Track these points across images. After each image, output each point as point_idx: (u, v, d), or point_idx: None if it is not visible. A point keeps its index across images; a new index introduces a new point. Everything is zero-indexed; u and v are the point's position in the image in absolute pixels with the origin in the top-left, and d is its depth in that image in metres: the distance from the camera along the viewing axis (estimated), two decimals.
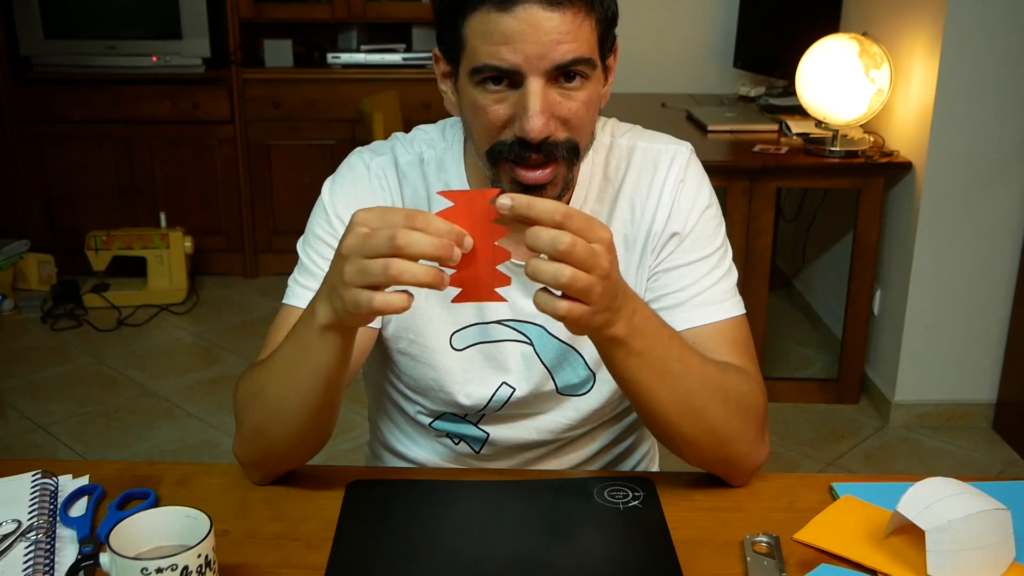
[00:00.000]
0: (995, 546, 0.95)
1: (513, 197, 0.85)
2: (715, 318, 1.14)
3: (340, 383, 1.02)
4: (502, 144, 1.03)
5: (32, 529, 1.01)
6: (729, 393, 1.06)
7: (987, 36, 2.70)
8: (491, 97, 1.01)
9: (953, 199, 2.83)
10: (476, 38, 0.99)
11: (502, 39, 0.97)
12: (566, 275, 0.85)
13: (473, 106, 1.03)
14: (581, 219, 0.86)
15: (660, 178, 1.17)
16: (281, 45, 4.07)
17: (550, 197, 1.03)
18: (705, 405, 1.04)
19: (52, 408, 3.14)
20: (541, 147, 1.01)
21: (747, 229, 2.99)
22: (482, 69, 1.00)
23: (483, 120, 1.03)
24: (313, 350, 0.97)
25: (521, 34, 0.97)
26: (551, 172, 1.04)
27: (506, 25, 0.97)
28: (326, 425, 1.08)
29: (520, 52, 0.97)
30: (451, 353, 1.19)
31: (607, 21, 1.04)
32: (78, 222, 4.10)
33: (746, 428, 1.08)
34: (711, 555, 1.00)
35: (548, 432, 1.24)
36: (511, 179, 1.05)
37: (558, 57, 0.98)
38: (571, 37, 0.98)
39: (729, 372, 1.09)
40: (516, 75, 0.99)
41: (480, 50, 0.99)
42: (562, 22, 0.97)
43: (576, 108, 1.02)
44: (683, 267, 1.15)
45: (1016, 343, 2.90)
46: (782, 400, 3.17)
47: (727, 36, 3.95)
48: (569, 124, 1.03)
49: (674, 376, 1.01)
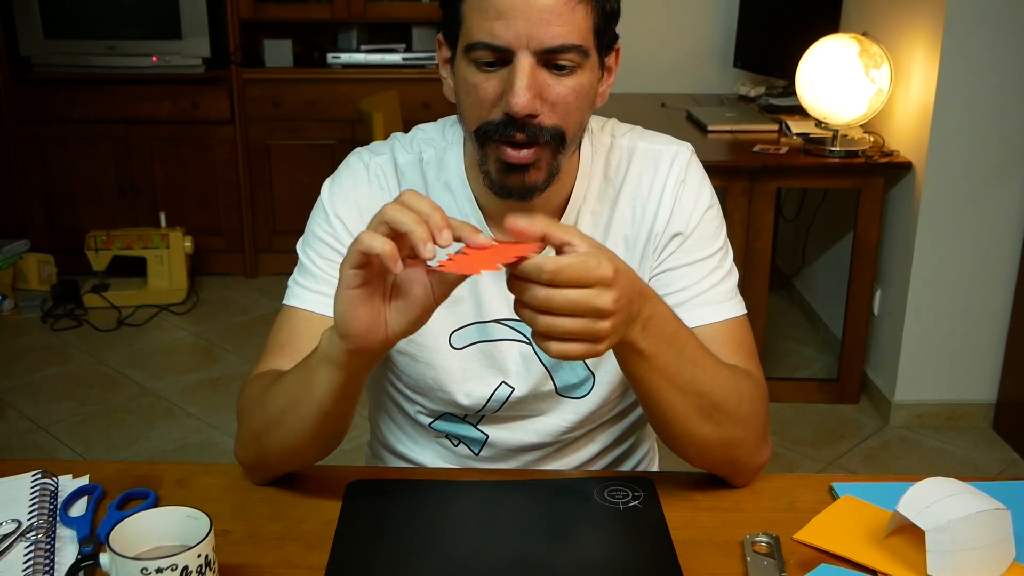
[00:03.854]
0: (995, 546, 0.95)
1: (505, 267, 0.87)
2: (716, 318, 1.14)
3: (342, 415, 1.03)
4: (490, 123, 1.04)
5: (32, 529, 1.01)
6: (742, 396, 1.07)
7: (987, 36, 2.70)
8: (483, 75, 1.03)
9: (953, 199, 2.83)
10: (472, 13, 1.02)
11: (496, 13, 0.99)
12: (563, 327, 0.87)
13: (466, 84, 1.05)
14: (573, 270, 0.86)
15: (661, 178, 1.17)
16: (281, 45, 4.07)
17: (535, 181, 1.06)
18: (717, 407, 1.04)
19: (52, 408, 3.14)
20: (526, 126, 1.02)
21: (747, 229, 2.99)
22: (475, 46, 1.02)
23: (474, 98, 1.04)
24: (316, 380, 0.98)
25: (514, 9, 0.98)
26: (534, 153, 1.04)
27: (500, 0, 0.98)
28: (324, 448, 1.08)
29: (512, 28, 0.99)
30: (450, 352, 1.19)
31: (605, 14, 1.04)
32: (78, 222, 4.10)
33: (751, 430, 1.09)
34: (711, 555, 1.00)
35: (547, 435, 1.24)
36: (496, 158, 1.06)
37: (548, 39, 0.99)
38: (563, 20, 0.99)
39: (739, 374, 1.09)
40: (507, 52, 1.00)
41: (475, 26, 1.01)
42: (556, 2, 0.99)
43: (565, 93, 1.03)
44: (685, 267, 1.16)
45: (1016, 343, 2.90)
46: (782, 400, 3.17)
47: (727, 36, 3.95)
48: (557, 109, 1.03)
49: (686, 378, 1.02)
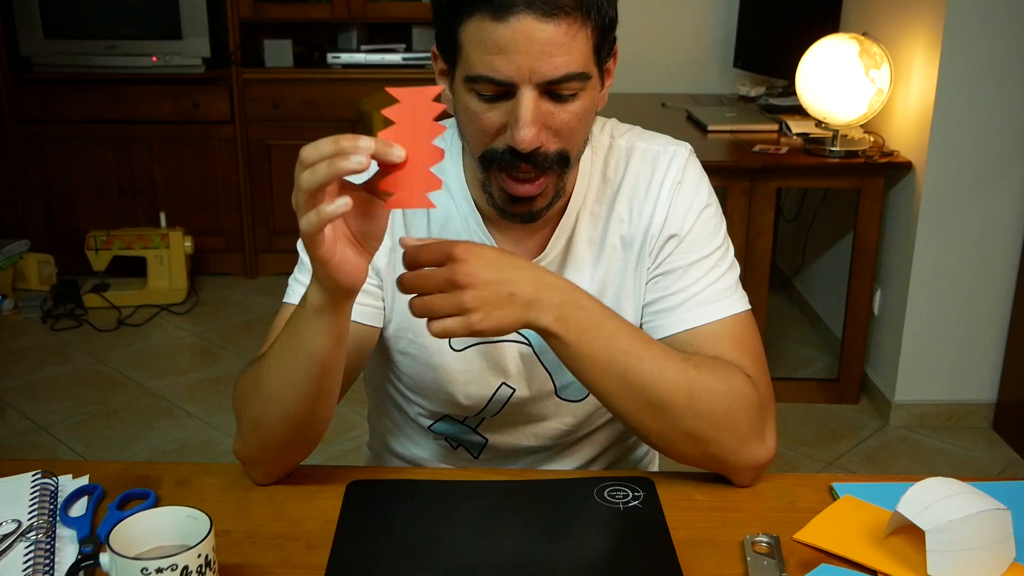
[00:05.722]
0: (995, 546, 0.95)
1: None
2: (714, 317, 1.13)
3: (334, 369, 1.02)
4: (493, 152, 1.04)
5: (32, 529, 1.01)
6: (694, 389, 1.04)
7: (987, 36, 2.70)
8: (485, 105, 1.02)
9: (953, 199, 2.83)
10: (471, 45, 0.99)
11: (496, 48, 0.97)
12: (429, 303, 0.97)
13: (467, 111, 1.04)
14: (427, 249, 0.98)
15: (658, 179, 1.16)
16: (281, 45, 4.07)
17: (539, 208, 1.08)
18: (665, 400, 1.03)
19: (52, 408, 3.13)
20: (531, 157, 1.02)
21: (747, 229, 2.99)
22: (476, 79, 1.00)
23: (476, 126, 1.04)
24: (307, 334, 0.98)
25: (514, 44, 0.96)
26: (540, 185, 1.05)
27: (500, 35, 0.96)
28: (323, 415, 1.07)
29: (513, 63, 0.97)
30: (450, 353, 1.19)
31: (604, 29, 1.02)
32: (78, 222, 4.10)
33: (723, 427, 1.06)
34: (711, 555, 1.00)
35: (547, 438, 1.24)
36: (500, 188, 1.06)
37: (550, 72, 0.98)
38: (564, 50, 0.98)
39: (702, 370, 1.06)
40: (510, 86, 0.99)
41: (475, 59, 0.99)
42: (556, 33, 0.97)
43: (568, 119, 1.02)
44: (682, 269, 1.15)
45: (1016, 343, 2.90)
46: (782, 400, 3.17)
47: (727, 36, 3.95)
48: (561, 135, 1.03)
49: (621, 369, 1.02)
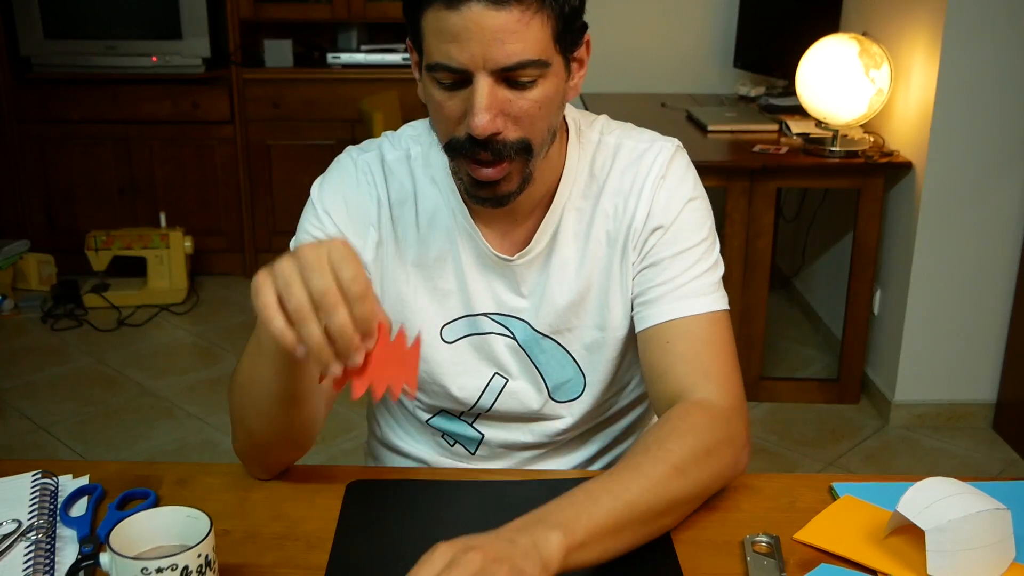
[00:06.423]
0: (995, 546, 0.95)
1: None
2: (693, 311, 1.12)
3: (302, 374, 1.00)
4: (456, 139, 1.05)
5: (32, 529, 1.01)
6: (675, 491, 0.98)
7: (987, 36, 2.70)
8: (446, 93, 1.03)
9: (953, 199, 2.83)
10: (430, 34, 1.01)
11: (450, 36, 0.99)
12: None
13: (431, 100, 1.06)
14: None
15: (643, 175, 1.16)
16: (281, 45, 4.07)
17: (506, 192, 1.07)
18: (668, 512, 0.98)
19: (52, 408, 3.14)
20: (489, 145, 1.03)
21: (747, 229, 2.98)
22: (435, 67, 1.02)
23: (440, 115, 1.05)
24: (266, 344, 0.98)
25: (467, 32, 0.98)
26: (503, 169, 1.05)
27: (453, 23, 0.98)
28: (303, 418, 1.06)
29: (466, 50, 0.98)
30: (442, 345, 1.19)
31: (565, 17, 1.02)
32: (78, 222, 4.10)
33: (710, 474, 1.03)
34: (711, 555, 1.00)
35: (543, 435, 1.24)
36: (467, 173, 1.07)
37: (503, 59, 0.99)
38: (517, 37, 0.98)
39: (672, 455, 0.99)
40: (465, 73, 1.00)
41: (433, 47, 1.01)
42: (508, 20, 0.97)
43: (527, 107, 1.03)
44: (667, 260, 1.15)
45: (1016, 343, 2.90)
46: (782, 400, 3.17)
47: (727, 36, 3.95)
48: (520, 122, 1.03)
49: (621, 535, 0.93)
